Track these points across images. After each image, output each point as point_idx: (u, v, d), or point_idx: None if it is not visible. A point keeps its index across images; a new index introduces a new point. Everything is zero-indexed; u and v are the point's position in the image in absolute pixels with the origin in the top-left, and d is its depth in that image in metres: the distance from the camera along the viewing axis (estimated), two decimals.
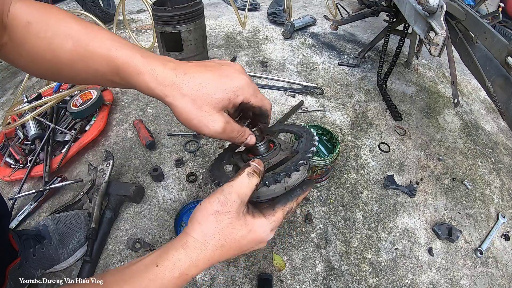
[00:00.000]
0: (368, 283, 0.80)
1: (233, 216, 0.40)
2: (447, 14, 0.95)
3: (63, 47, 0.41)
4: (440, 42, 0.90)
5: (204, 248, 0.39)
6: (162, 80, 0.41)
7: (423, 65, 1.78)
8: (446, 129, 1.32)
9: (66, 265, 0.77)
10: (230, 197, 0.40)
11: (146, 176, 1.01)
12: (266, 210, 0.44)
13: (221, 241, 0.39)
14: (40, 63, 0.43)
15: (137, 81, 0.42)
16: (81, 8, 1.99)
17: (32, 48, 0.41)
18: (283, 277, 0.79)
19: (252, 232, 0.41)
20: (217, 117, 0.42)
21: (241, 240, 0.41)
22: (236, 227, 0.40)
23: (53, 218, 0.79)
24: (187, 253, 0.38)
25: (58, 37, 0.41)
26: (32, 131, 1.07)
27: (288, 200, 0.46)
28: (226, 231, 0.40)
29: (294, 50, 1.77)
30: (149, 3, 1.48)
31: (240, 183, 0.41)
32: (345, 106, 1.35)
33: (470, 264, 0.88)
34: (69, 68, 0.43)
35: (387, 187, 1.02)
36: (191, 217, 0.41)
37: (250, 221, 0.42)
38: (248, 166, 0.43)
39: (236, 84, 0.43)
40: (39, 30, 0.41)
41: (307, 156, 0.47)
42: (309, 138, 0.53)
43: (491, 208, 1.03)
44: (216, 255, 0.40)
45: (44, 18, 0.41)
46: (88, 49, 0.42)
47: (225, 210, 0.39)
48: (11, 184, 1.02)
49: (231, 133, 0.44)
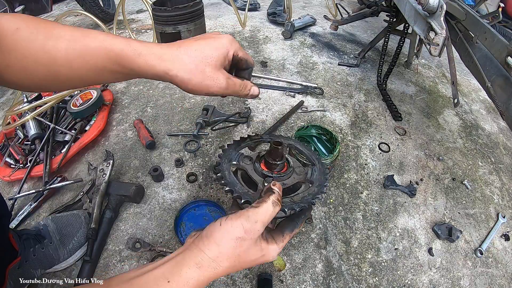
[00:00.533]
0: (368, 283, 0.80)
1: (252, 243, 0.41)
2: (447, 14, 0.95)
3: (58, 46, 0.41)
4: (440, 42, 0.90)
5: (218, 268, 0.39)
6: (162, 56, 0.43)
7: (423, 65, 1.78)
8: (446, 129, 1.32)
9: (66, 265, 0.77)
10: (255, 226, 0.40)
11: (146, 176, 1.01)
12: (276, 236, 0.46)
13: (235, 263, 0.40)
14: (33, 70, 0.41)
15: (139, 63, 0.42)
16: (81, 8, 1.99)
17: (23, 54, 0.40)
18: (283, 277, 0.79)
19: (264, 256, 0.43)
20: (219, 75, 0.46)
21: (252, 262, 0.42)
22: (252, 252, 0.41)
23: (53, 218, 0.79)
24: (200, 272, 0.37)
25: (52, 39, 0.40)
26: (32, 131, 1.07)
27: (295, 227, 0.48)
28: (243, 255, 0.40)
29: (294, 50, 1.77)
30: (149, 3, 1.48)
31: (266, 212, 0.41)
32: (345, 106, 1.35)
33: (470, 264, 0.88)
34: (67, 69, 0.42)
35: (387, 187, 1.02)
36: (208, 234, 0.40)
37: (265, 247, 0.43)
38: (272, 194, 0.43)
39: (224, 41, 0.47)
40: (30, 33, 0.40)
41: (322, 191, 0.49)
42: (322, 168, 0.55)
43: (491, 208, 1.03)
44: (225, 273, 0.40)
45: (34, 24, 0.41)
46: (84, 44, 0.41)
47: (248, 237, 0.40)
48: (11, 184, 1.02)
49: (234, 87, 0.48)
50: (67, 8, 2.65)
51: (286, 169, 0.52)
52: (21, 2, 1.59)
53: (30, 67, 0.41)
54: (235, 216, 0.40)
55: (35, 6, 1.66)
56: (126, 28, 1.82)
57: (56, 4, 2.55)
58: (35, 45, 0.40)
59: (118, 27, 2.03)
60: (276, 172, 0.50)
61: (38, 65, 0.41)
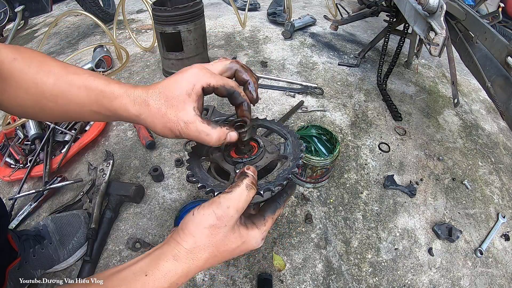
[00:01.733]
0: (368, 283, 0.80)
1: (228, 230, 0.39)
2: (447, 14, 0.95)
3: (46, 81, 0.43)
4: (440, 42, 0.90)
5: (196, 259, 0.38)
6: (136, 99, 0.43)
7: (423, 65, 1.78)
8: (446, 129, 1.32)
9: (66, 265, 0.77)
10: (228, 212, 0.38)
11: (146, 176, 1.01)
12: (256, 220, 0.44)
13: (214, 252, 0.39)
14: (24, 99, 0.44)
15: (115, 106, 0.44)
16: (81, 8, 1.99)
17: (16, 84, 0.43)
18: (283, 277, 0.79)
19: (246, 243, 0.42)
20: (181, 117, 0.42)
21: (234, 250, 0.41)
22: (230, 239, 0.40)
23: (53, 218, 0.79)
24: (178, 264, 0.37)
25: (41, 73, 0.43)
26: (32, 131, 1.07)
27: (276, 208, 0.46)
28: (220, 244, 0.39)
29: (294, 50, 1.77)
30: (149, 3, 1.48)
31: (239, 197, 0.39)
32: (345, 106, 1.35)
33: (470, 264, 0.88)
34: (53, 104, 0.44)
35: (387, 187, 1.02)
36: (183, 226, 0.39)
37: (244, 233, 0.41)
38: (245, 177, 0.40)
39: (188, 75, 0.43)
40: (24, 65, 0.43)
41: (298, 163, 0.46)
42: (295, 141, 0.52)
43: (491, 208, 1.03)
44: (207, 264, 0.40)
45: (29, 57, 0.44)
46: (68, 81, 0.44)
47: (222, 224, 0.38)
48: (11, 184, 1.02)
49: (198, 134, 0.43)
50: (67, 8, 2.65)
51: (256, 150, 0.49)
52: (21, 2, 1.59)
53: (21, 96, 0.44)
54: (207, 204, 0.39)
55: (35, 6, 1.66)
56: (126, 28, 1.82)
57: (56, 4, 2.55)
58: (27, 77, 0.43)
59: (118, 27, 2.03)
60: (247, 156, 0.48)
61: (28, 96, 0.44)
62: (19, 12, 1.57)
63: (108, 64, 1.57)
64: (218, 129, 0.43)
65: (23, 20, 1.66)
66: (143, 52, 1.74)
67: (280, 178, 0.44)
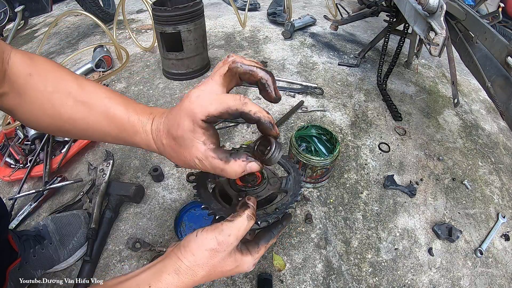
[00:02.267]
0: (368, 283, 0.80)
1: (226, 255, 0.42)
2: (447, 14, 0.95)
3: (64, 103, 0.43)
4: (440, 42, 0.90)
5: (194, 275, 0.40)
6: (153, 137, 0.45)
7: (423, 65, 1.78)
8: (446, 129, 1.32)
9: (66, 265, 0.77)
10: (228, 240, 0.40)
11: (146, 176, 1.01)
12: (251, 247, 0.46)
13: (210, 272, 0.42)
14: (39, 117, 0.44)
15: (137, 140, 0.46)
16: (81, 8, 1.99)
17: (31, 101, 0.43)
18: (283, 277, 0.79)
19: (239, 267, 0.44)
20: (186, 152, 0.41)
21: (227, 272, 0.44)
22: (226, 262, 0.42)
23: (53, 218, 0.79)
24: (179, 278, 0.40)
25: (59, 93, 0.43)
26: (32, 131, 1.07)
27: (270, 238, 0.48)
28: (217, 265, 0.42)
29: (294, 50, 1.77)
30: (149, 3, 1.48)
31: (240, 226, 0.41)
32: (345, 106, 1.35)
33: (470, 264, 0.88)
34: (71, 126, 0.45)
35: (387, 187, 1.02)
36: (185, 244, 0.42)
37: (239, 258, 0.44)
38: (247, 208, 0.42)
39: (184, 111, 0.38)
40: (39, 82, 0.43)
41: (296, 199, 0.49)
42: (297, 177, 0.55)
43: (491, 208, 1.03)
44: (203, 280, 0.42)
45: (45, 72, 0.44)
46: (87, 106, 0.44)
47: (221, 249, 0.41)
48: (11, 184, 1.02)
49: (211, 170, 0.40)
50: (67, 8, 2.65)
51: (260, 181, 0.51)
52: (21, 2, 1.59)
53: (36, 113, 0.44)
54: (210, 228, 0.41)
55: (35, 6, 1.66)
56: (126, 28, 1.82)
57: (56, 4, 2.55)
58: (43, 97, 0.43)
59: (118, 27, 2.03)
60: (250, 185, 0.50)
61: (43, 115, 0.44)
62: (19, 12, 1.57)
63: (108, 64, 1.57)
64: (233, 163, 0.39)
65: (23, 20, 1.66)
66: (143, 52, 1.74)
67: (278, 212, 0.47)
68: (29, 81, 0.42)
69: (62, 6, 2.70)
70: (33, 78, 0.42)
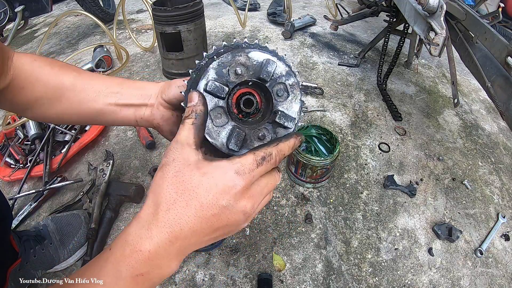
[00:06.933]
0: (368, 283, 0.80)
1: (179, 164, 0.32)
2: (447, 14, 0.95)
3: (68, 74, 0.50)
4: (440, 42, 0.90)
5: (156, 212, 0.31)
6: None
7: (423, 65, 1.78)
8: (446, 129, 1.32)
9: (66, 265, 0.77)
10: (170, 147, 0.33)
11: (146, 176, 1.01)
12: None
13: (172, 195, 0.31)
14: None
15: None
16: (81, 8, 1.99)
17: (40, 83, 0.48)
18: (283, 277, 0.79)
19: (208, 176, 0.31)
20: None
21: (197, 189, 0.31)
22: (185, 173, 0.31)
23: (53, 218, 0.79)
24: (138, 224, 0.31)
25: (64, 71, 0.51)
26: (32, 131, 1.07)
27: (265, 145, 0.35)
28: (175, 181, 0.31)
29: (294, 50, 1.77)
30: (149, 3, 1.48)
31: (179, 131, 0.34)
32: (345, 106, 1.35)
33: (470, 264, 0.88)
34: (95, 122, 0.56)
35: (387, 187, 1.02)
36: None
37: (203, 163, 0.32)
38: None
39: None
40: (45, 66, 0.49)
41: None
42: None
43: (491, 208, 1.03)
44: (174, 222, 0.30)
45: (47, 59, 0.50)
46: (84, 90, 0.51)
47: (169, 160, 0.32)
48: (11, 184, 1.02)
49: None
50: (67, 8, 2.65)
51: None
52: (21, 2, 1.59)
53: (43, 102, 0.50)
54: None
55: (35, 6, 1.66)
56: (126, 28, 1.82)
57: (56, 4, 2.55)
58: (49, 73, 0.49)
59: (118, 27, 2.03)
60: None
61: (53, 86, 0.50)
62: (19, 12, 1.57)
63: (108, 64, 1.57)
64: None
65: (23, 20, 1.66)
66: (143, 52, 1.74)
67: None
68: (35, 65, 0.47)
69: (62, 6, 2.70)
70: (37, 62, 0.47)
